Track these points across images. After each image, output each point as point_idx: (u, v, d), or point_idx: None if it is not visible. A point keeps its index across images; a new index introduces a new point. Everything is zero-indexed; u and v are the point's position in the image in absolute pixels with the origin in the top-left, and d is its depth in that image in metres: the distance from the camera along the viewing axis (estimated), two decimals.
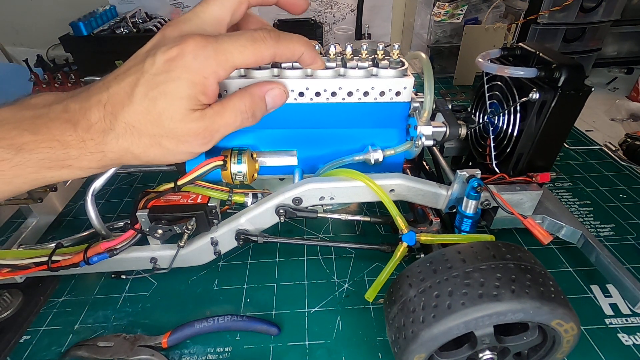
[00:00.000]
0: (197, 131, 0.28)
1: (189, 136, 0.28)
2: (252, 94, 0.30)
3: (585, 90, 0.37)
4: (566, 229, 0.41)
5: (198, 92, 0.26)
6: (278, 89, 0.32)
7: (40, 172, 0.26)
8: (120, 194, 0.59)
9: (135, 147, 0.27)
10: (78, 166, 0.27)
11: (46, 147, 0.25)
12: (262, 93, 0.31)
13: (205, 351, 0.38)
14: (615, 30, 0.90)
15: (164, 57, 0.26)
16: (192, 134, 0.28)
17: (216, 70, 0.26)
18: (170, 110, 0.26)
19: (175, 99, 0.26)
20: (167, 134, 0.27)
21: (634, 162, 0.61)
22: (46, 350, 0.38)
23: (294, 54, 0.30)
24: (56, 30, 0.86)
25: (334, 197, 0.38)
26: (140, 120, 0.26)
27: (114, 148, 0.27)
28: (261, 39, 0.27)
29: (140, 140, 0.27)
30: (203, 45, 0.26)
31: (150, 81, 0.26)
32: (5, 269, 0.37)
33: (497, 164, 0.43)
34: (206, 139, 0.28)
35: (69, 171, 0.27)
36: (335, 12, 1.06)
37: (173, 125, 0.27)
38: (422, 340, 0.27)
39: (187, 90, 0.26)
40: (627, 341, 0.37)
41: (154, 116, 0.26)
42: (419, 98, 0.39)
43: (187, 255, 0.40)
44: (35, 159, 0.25)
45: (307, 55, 0.30)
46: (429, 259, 0.31)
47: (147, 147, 0.27)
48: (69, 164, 0.26)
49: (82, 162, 0.27)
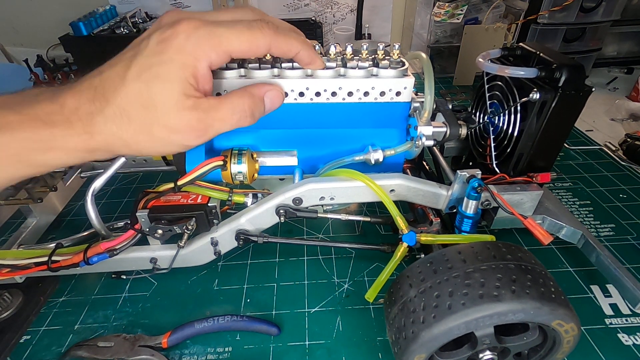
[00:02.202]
0: (190, 121, 0.27)
1: (182, 126, 0.27)
2: (252, 94, 0.30)
3: (585, 90, 0.37)
4: (566, 229, 0.41)
5: (189, 75, 0.26)
6: (276, 90, 0.32)
7: (23, 155, 0.25)
8: (120, 194, 0.59)
9: (124, 132, 0.26)
10: (64, 148, 0.26)
11: (29, 126, 0.25)
12: (262, 94, 0.31)
13: (205, 351, 0.38)
14: (615, 30, 0.89)
15: (157, 38, 0.26)
16: (185, 124, 0.27)
17: (208, 53, 0.26)
18: (163, 94, 0.25)
19: (167, 81, 0.25)
20: (158, 121, 0.26)
21: (634, 162, 0.61)
22: (46, 350, 0.38)
23: (291, 49, 0.29)
24: (56, 30, 0.86)
25: (334, 197, 0.38)
26: (132, 103, 0.25)
27: (102, 130, 0.26)
28: (258, 27, 0.27)
29: (130, 126, 0.26)
30: (196, 27, 0.25)
31: (143, 63, 0.25)
32: (5, 269, 0.37)
33: (498, 164, 0.43)
34: (200, 132, 0.27)
35: (54, 154, 0.26)
36: (335, 12, 1.06)
37: (165, 111, 0.26)
38: (423, 341, 0.27)
39: (178, 72, 0.25)
40: (627, 341, 0.37)
41: (146, 100, 0.25)
42: (419, 98, 0.39)
43: (187, 255, 0.40)
44: (18, 139, 0.24)
45: (305, 53, 0.30)
46: (429, 259, 0.31)
47: (136, 133, 0.26)
48: (53, 145, 0.25)
49: (68, 144, 0.26)
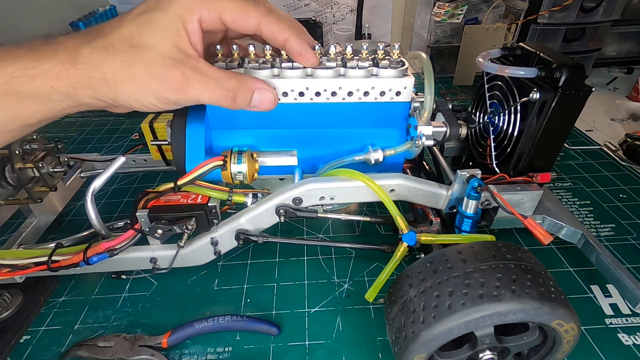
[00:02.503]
0: (171, 71, 0.27)
1: (163, 73, 0.27)
2: (243, 81, 0.31)
3: (585, 90, 0.37)
4: (566, 229, 0.41)
5: (180, 26, 0.27)
6: (270, 91, 0.32)
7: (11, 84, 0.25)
8: (120, 194, 0.59)
9: (106, 65, 0.26)
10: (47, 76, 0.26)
11: (14, 55, 0.25)
12: (254, 87, 0.31)
13: (205, 351, 0.38)
14: (615, 30, 0.89)
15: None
16: (166, 73, 0.27)
17: (201, 7, 0.28)
18: (153, 38, 0.27)
19: (158, 27, 0.27)
20: (142, 57, 0.27)
21: (634, 162, 0.61)
22: (46, 350, 0.38)
23: (281, 32, 0.30)
24: (56, 30, 0.86)
25: (334, 197, 0.38)
26: (122, 40, 0.27)
27: (85, 61, 0.26)
28: (254, 2, 0.29)
29: (115, 59, 0.26)
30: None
31: (141, 9, 0.28)
32: (5, 269, 0.37)
33: (498, 164, 0.43)
34: (178, 86, 0.27)
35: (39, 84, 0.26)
36: (335, 12, 1.06)
37: (152, 55, 0.27)
38: (423, 341, 0.27)
39: (170, 21, 0.27)
40: (627, 341, 0.37)
41: (137, 40, 0.27)
42: (419, 98, 0.39)
43: (187, 255, 0.40)
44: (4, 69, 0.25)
45: (295, 41, 0.30)
46: (429, 259, 0.31)
47: (118, 69, 0.26)
48: (37, 72, 0.26)
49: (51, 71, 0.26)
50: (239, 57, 0.35)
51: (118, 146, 0.72)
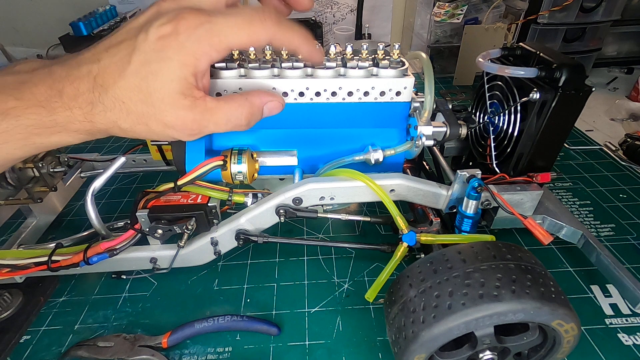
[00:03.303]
0: (185, 121, 0.27)
1: (177, 124, 0.27)
2: (252, 104, 0.30)
3: (585, 90, 0.37)
4: (566, 229, 0.41)
5: (188, 74, 0.26)
6: (277, 101, 0.32)
7: (30, 138, 0.26)
8: (120, 194, 0.59)
9: (122, 122, 0.27)
10: (67, 131, 0.27)
11: (32, 113, 0.25)
12: (262, 104, 0.31)
13: (205, 351, 0.38)
14: (615, 30, 0.89)
15: (156, 34, 0.25)
16: (180, 123, 0.27)
17: (208, 52, 0.26)
18: (161, 91, 0.26)
19: (166, 80, 0.26)
20: (155, 116, 0.27)
21: (634, 162, 0.61)
22: (46, 350, 0.38)
23: (292, 42, 0.29)
24: (56, 30, 0.86)
25: (334, 197, 0.38)
26: (131, 97, 0.26)
27: (102, 120, 0.27)
28: (260, 20, 0.26)
29: (129, 117, 0.27)
30: (196, 25, 0.25)
31: (142, 58, 0.25)
32: (5, 269, 0.37)
33: (498, 164, 0.43)
34: (194, 131, 0.28)
35: (59, 138, 0.27)
36: (335, 12, 1.06)
37: (163, 108, 0.26)
38: (423, 341, 0.27)
39: (177, 71, 0.26)
40: (627, 341, 0.37)
41: (145, 95, 0.26)
42: (419, 98, 0.39)
43: (187, 255, 0.40)
44: (23, 125, 0.25)
45: (306, 48, 0.30)
46: (429, 259, 0.31)
47: (134, 124, 0.27)
48: (57, 130, 0.26)
49: (71, 128, 0.27)
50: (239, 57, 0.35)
51: (118, 146, 0.72)
